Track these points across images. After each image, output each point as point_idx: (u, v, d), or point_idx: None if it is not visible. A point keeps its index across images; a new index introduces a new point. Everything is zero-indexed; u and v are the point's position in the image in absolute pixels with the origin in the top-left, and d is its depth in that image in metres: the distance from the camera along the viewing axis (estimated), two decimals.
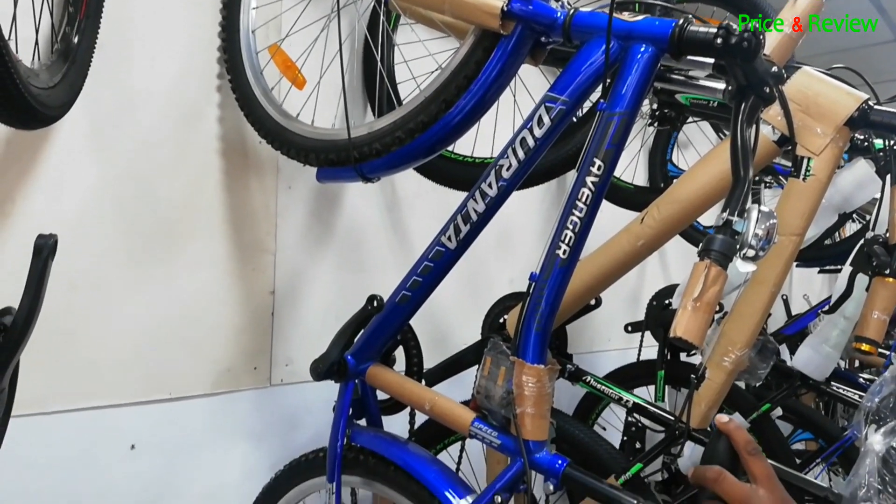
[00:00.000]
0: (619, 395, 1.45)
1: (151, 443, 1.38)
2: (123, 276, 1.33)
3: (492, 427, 1.03)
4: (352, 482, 1.24)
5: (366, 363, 1.23)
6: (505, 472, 1.00)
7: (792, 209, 1.25)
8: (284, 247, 1.58)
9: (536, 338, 0.96)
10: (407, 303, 1.15)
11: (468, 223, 1.05)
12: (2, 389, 0.76)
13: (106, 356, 1.31)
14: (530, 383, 0.95)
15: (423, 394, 1.14)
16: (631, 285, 2.71)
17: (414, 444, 1.20)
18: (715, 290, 0.78)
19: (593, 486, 0.93)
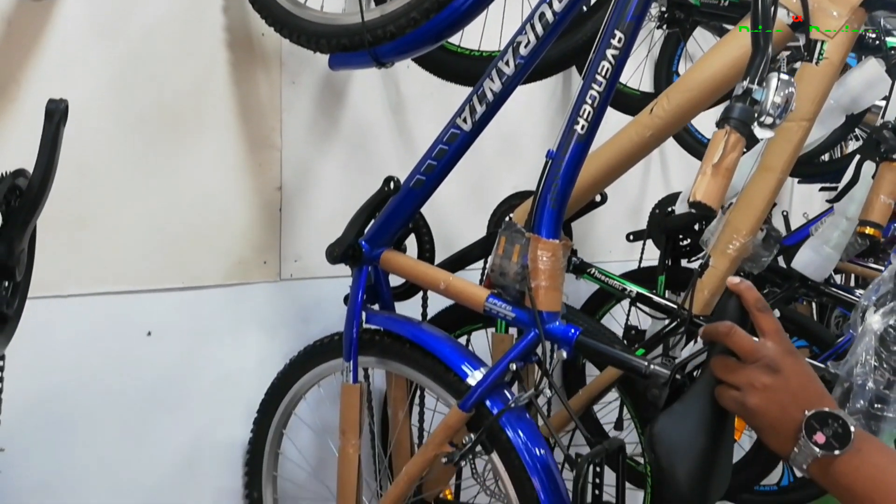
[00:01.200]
0: (623, 286, 1.49)
1: (167, 330, 1.43)
2: (132, 165, 1.35)
3: (506, 302, 1.07)
4: (366, 363, 1.30)
5: (379, 249, 1.27)
6: (519, 342, 1.05)
7: (803, 94, 1.24)
8: (290, 143, 1.59)
9: (551, 214, 1.00)
10: (421, 187, 1.17)
11: (484, 103, 1.07)
12: (21, 250, 0.79)
13: (118, 243, 1.35)
14: (545, 257, 1.00)
15: (438, 274, 1.19)
16: (632, 198, 2.74)
17: (428, 324, 1.26)
18: (734, 157, 0.81)
19: (605, 352, 0.98)
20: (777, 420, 0.73)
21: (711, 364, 0.79)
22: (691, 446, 0.79)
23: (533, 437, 1.06)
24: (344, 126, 1.69)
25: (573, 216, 1.58)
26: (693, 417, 0.80)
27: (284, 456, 1.53)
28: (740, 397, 0.75)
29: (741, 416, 0.76)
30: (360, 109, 1.73)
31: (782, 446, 0.74)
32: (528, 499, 1.05)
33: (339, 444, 1.27)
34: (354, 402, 1.25)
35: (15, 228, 0.77)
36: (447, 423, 1.10)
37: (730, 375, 0.77)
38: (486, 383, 1.07)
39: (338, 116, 1.69)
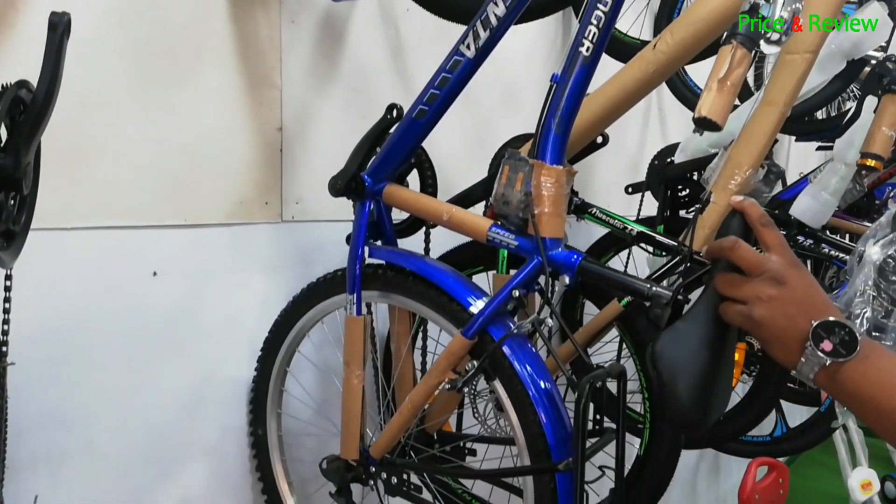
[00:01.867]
0: (624, 225, 1.50)
1: (170, 268, 1.44)
2: (132, 98, 1.34)
3: (509, 231, 1.08)
4: (369, 297, 1.31)
5: (382, 183, 1.27)
6: (522, 269, 1.06)
7: None
8: (290, 83, 1.58)
9: (556, 139, 1.00)
10: (424, 118, 1.17)
11: (488, 28, 1.06)
12: (28, 163, 0.79)
13: (120, 177, 1.35)
14: (549, 183, 1.00)
15: (441, 206, 1.19)
16: (631, 153, 2.74)
17: (431, 258, 1.27)
18: (740, 72, 0.81)
19: (608, 276, 1.00)
20: (784, 330, 0.75)
21: (715, 280, 0.80)
22: (693, 362, 0.80)
23: (535, 363, 1.08)
24: (344, 68, 1.68)
25: (574, 158, 1.58)
26: (695, 334, 0.81)
27: (288, 394, 1.56)
28: (746, 310, 0.76)
29: (748, 328, 0.77)
30: (360, 52, 1.72)
31: (789, 357, 0.75)
32: (530, 424, 1.07)
33: (343, 376, 1.29)
34: (358, 334, 1.26)
35: (21, 140, 0.77)
36: (450, 351, 1.12)
37: (735, 290, 0.78)
38: (489, 310, 1.08)
39: (338, 59, 1.68)
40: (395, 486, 1.24)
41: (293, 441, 1.59)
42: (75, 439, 1.30)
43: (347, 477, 1.28)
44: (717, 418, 0.86)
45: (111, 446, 1.35)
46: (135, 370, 1.40)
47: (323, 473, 1.35)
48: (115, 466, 1.35)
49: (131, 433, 1.38)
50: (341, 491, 1.32)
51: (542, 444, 1.05)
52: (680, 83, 2.33)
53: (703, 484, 3.78)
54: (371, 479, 1.28)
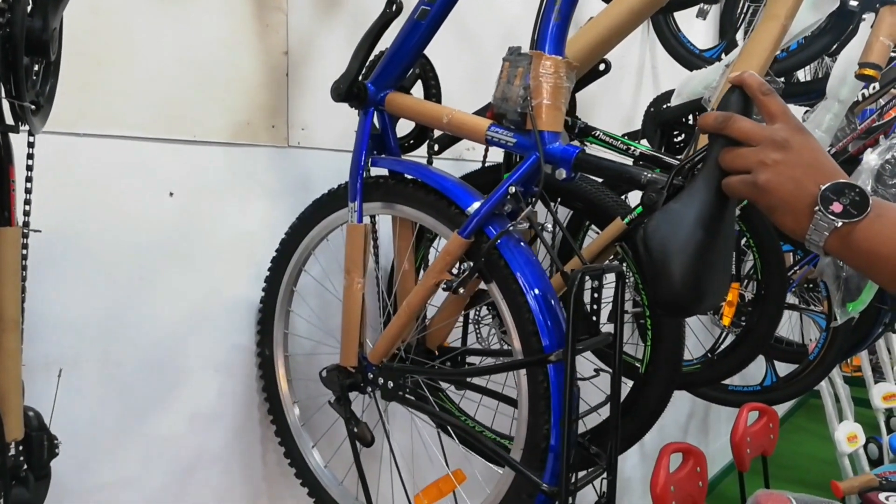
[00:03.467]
0: (628, 146, 1.45)
1: (178, 184, 1.39)
2: (142, 8, 1.30)
3: (507, 129, 1.04)
4: (372, 209, 1.27)
5: (385, 91, 1.22)
6: (520, 165, 1.02)
7: None
8: (296, 8, 1.53)
9: (555, 28, 0.95)
10: (427, 18, 1.12)
11: None
12: (55, 28, 0.75)
13: (131, 87, 1.30)
14: (548, 74, 0.95)
15: (441, 109, 1.15)
16: (625, 108, 2.68)
17: (432, 167, 1.22)
18: None
19: (606, 166, 0.95)
20: (791, 195, 0.69)
21: (719, 158, 0.73)
22: (687, 242, 0.74)
23: (530, 263, 1.03)
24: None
25: (577, 85, 1.52)
26: (690, 214, 0.74)
27: (295, 314, 1.52)
28: (751, 178, 0.70)
29: (753, 197, 0.71)
30: None
31: (798, 223, 0.69)
32: (524, 323, 1.03)
33: (344, 283, 1.26)
34: (359, 242, 1.22)
35: (49, 3, 0.73)
36: (447, 250, 1.07)
37: (738, 160, 0.71)
38: (486, 208, 1.04)
39: None
40: (391, 390, 1.21)
41: (300, 361, 1.56)
42: (88, 346, 1.26)
43: (345, 383, 1.25)
44: (715, 304, 0.81)
45: (123, 355, 1.31)
46: (145, 282, 1.37)
47: (322, 381, 1.32)
48: (127, 375, 1.32)
49: (143, 344, 1.35)
50: (339, 399, 1.29)
51: (535, 342, 1.01)
52: (672, 38, 2.27)
53: (692, 442, 3.75)
54: (368, 386, 1.25)
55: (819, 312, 2.41)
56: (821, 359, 2.36)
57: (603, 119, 2.43)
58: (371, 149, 1.27)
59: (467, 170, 1.53)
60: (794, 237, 0.71)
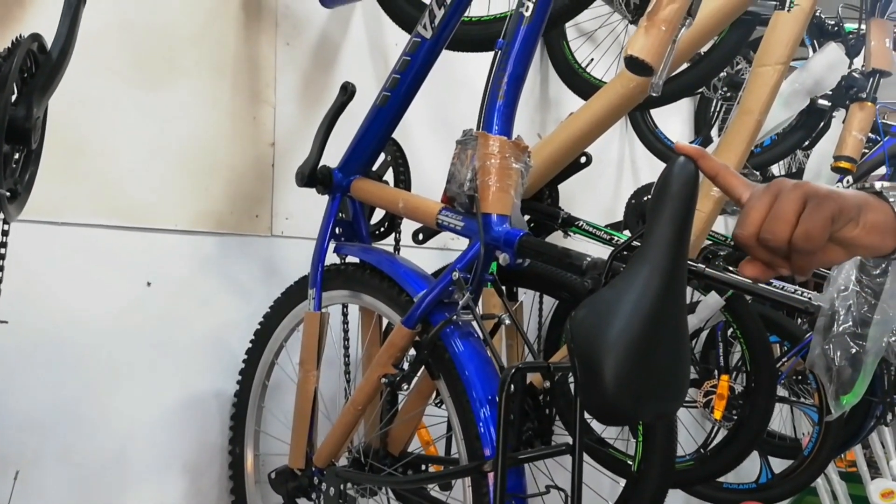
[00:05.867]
0: (611, 236, 1.28)
1: (158, 274, 1.25)
2: (130, 100, 1.20)
3: (456, 212, 0.87)
4: (339, 297, 1.10)
5: (352, 176, 1.08)
6: (465, 251, 0.84)
7: (777, 40, 1.08)
8: (284, 101, 1.43)
9: (501, 108, 0.80)
10: (388, 104, 0.99)
11: (442, 6, 0.88)
12: (37, 117, 0.68)
13: (114, 176, 1.19)
14: (493, 154, 0.79)
15: (397, 194, 1.00)
16: (605, 200, 2.53)
17: (395, 255, 1.05)
18: (673, 8, 0.61)
19: (548, 250, 0.76)
20: (855, 195, 0.53)
21: (744, 216, 0.54)
22: (619, 336, 0.54)
23: (476, 357, 0.83)
24: (335, 92, 1.51)
25: (559, 177, 1.37)
26: (625, 302, 0.55)
27: (268, 410, 1.31)
28: (800, 192, 0.52)
29: (819, 211, 0.51)
30: (349, 78, 1.56)
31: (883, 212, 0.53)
32: (468, 424, 0.81)
33: (298, 376, 1.06)
34: (314, 331, 1.04)
35: (34, 93, 0.67)
36: (392, 342, 0.88)
37: (762, 199, 0.53)
38: (430, 296, 0.85)
39: (329, 83, 1.52)
40: (332, 498, 0.97)
41: (274, 462, 1.34)
42: (49, 444, 1.08)
43: (290, 487, 1.02)
44: (664, 409, 0.60)
45: (87, 454, 1.13)
46: (116, 375, 1.19)
47: (270, 484, 1.10)
48: (90, 475, 1.13)
49: (109, 441, 1.16)
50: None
51: (479, 448, 0.79)
52: (650, 133, 2.15)
53: None
54: (313, 491, 1.02)
55: (811, 405, 2.13)
56: (815, 454, 2.06)
57: (585, 210, 2.27)
58: (339, 235, 1.12)
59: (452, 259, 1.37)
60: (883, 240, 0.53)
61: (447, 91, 1.70)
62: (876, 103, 1.13)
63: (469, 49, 1.24)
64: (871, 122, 1.12)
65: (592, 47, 2.03)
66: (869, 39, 1.10)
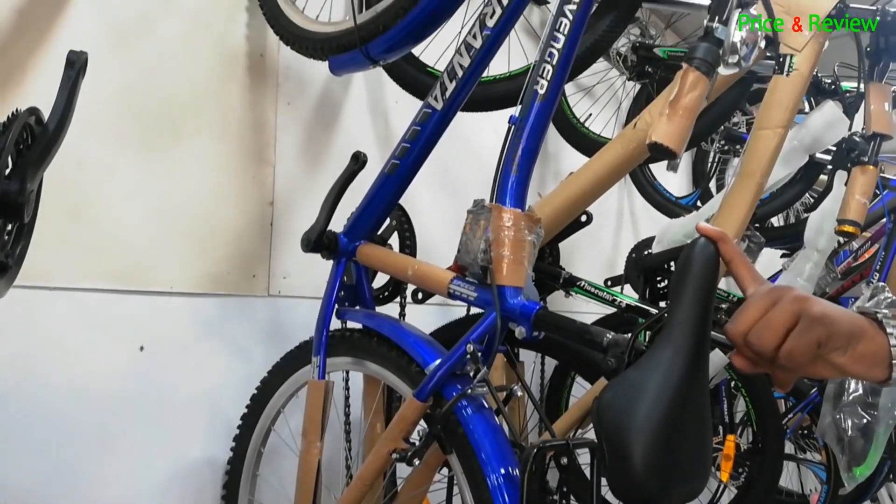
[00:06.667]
0: (613, 297, 1.29)
1: (153, 337, 1.24)
2: (129, 162, 1.21)
3: (468, 282, 0.88)
4: (342, 364, 1.08)
5: (358, 242, 1.09)
6: (480, 322, 0.84)
7: (777, 103, 1.11)
8: (284, 160, 1.45)
9: (515, 182, 0.82)
10: (397, 172, 1.00)
11: (454, 80, 0.91)
12: (31, 191, 0.68)
13: (110, 239, 1.19)
14: (508, 227, 0.81)
15: (407, 262, 1.00)
16: (606, 252, 2.56)
17: (401, 321, 1.06)
18: (694, 95, 0.64)
19: (566, 325, 0.77)
20: (852, 322, 0.54)
21: (737, 316, 0.57)
22: (647, 418, 0.55)
23: (492, 432, 0.83)
24: (334, 152, 1.55)
25: (560, 235, 1.39)
26: (651, 384, 0.56)
27: (263, 479, 1.27)
28: (805, 321, 0.53)
29: (806, 334, 0.54)
30: (350, 138, 1.59)
31: (875, 343, 0.54)
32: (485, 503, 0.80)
33: (301, 447, 1.05)
34: (319, 400, 1.03)
35: (28, 167, 0.67)
36: (402, 415, 0.87)
37: (762, 301, 0.55)
38: (443, 369, 0.85)
39: (329, 142, 1.55)
40: None
41: None
42: None
43: None
44: (690, 491, 0.60)
45: None
46: (105, 442, 1.16)
47: None
48: None
49: None
50: None
51: None
52: (649, 186, 2.19)
53: None
54: None
55: (818, 463, 2.12)
56: None
57: (585, 264, 2.29)
58: (342, 300, 1.12)
59: (454, 315, 1.37)
60: (869, 371, 0.54)
61: (452, 152, 1.73)
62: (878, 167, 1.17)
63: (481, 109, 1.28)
64: (873, 186, 1.16)
65: (591, 102, 2.08)
66: (868, 103, 1.14)
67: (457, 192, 1.86)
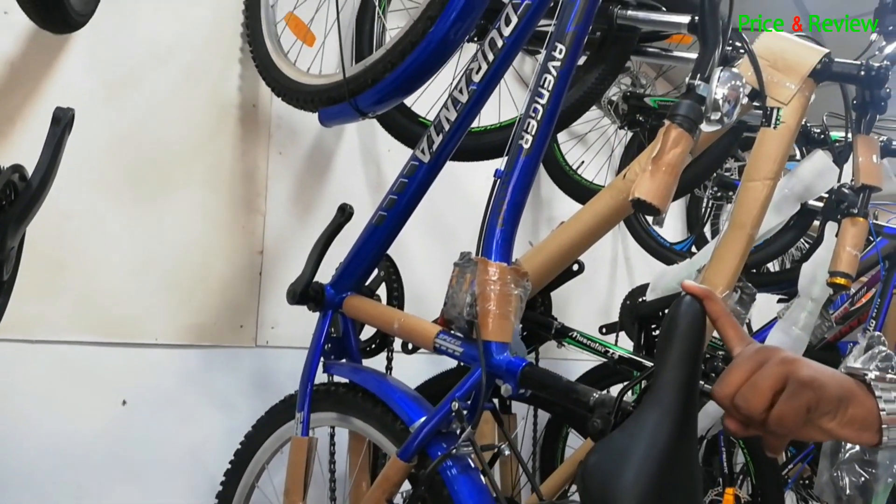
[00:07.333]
0: (606, 349, 1.28)
1: (136, 391, 1.22)
2: (116, 212, 1.21)
3: (455, 337, 0.87)
4: (327, 419, 1.06)
5: (345, 293, 1.08)
6: (465, 378, 0.83)
7: (765, 155, 1.13)
8: (274, 209, 1.46)
9: (501, 235, 0.82)
10: (383, 224, 1.00)
11: (441, 133, 0.92)
12: (12, 248, 0.68)
13: (95, 290, 1.18)
14: (493, 280, 0.80)
15: (393, 315, 0.99)
16: (602, 300, 2.55)
17: (387, 376, 1.04)
18: (676, 152, 0.65)
19: (551, 383, 0.75)
20: (841, 385, 0.53)
21: (722, 379, 0.56)
22: (633, 482, 0.53)
23: (476, 494, 0.81)
24: (326, 200, 1.56)
25: (552, 284, 1.39)
26: (638, 447, 0.55)
27: None
28: (783, 370, 0.53)
29: (795, 399, 0.53)
30: (342, 186, 1.60)
31: (865, 409, 0.53)
32: None
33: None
34: (301, 458, 1.00)
35: (9, 224, 0.67)
36: (386, 475, 0.85)
37: (748, 363, 0.55)
38: (428, 428, 0.83)
39: (321, 191, 1.56)
40: None
41: None
42: None
43: None
44: None
45: None
46: (82, 501, 1.14)
47: None
48: None
49: None
50: None
51: None
52: (643, 232, 2.20)
53: None
54: None
55: None
56: None
57: (580, 311, 2.28)
58: (329, 352, 1.10)
59: (445, 365, 1.35)
60: (860, 435, 0.54)
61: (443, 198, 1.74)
62: (868, 218, 1.18)
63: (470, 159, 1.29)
64: (864, 237, 1.17)
65: (583, 149, 2.11)
66: (856, 156, 1.16)
67: (448, 237, 1.86)
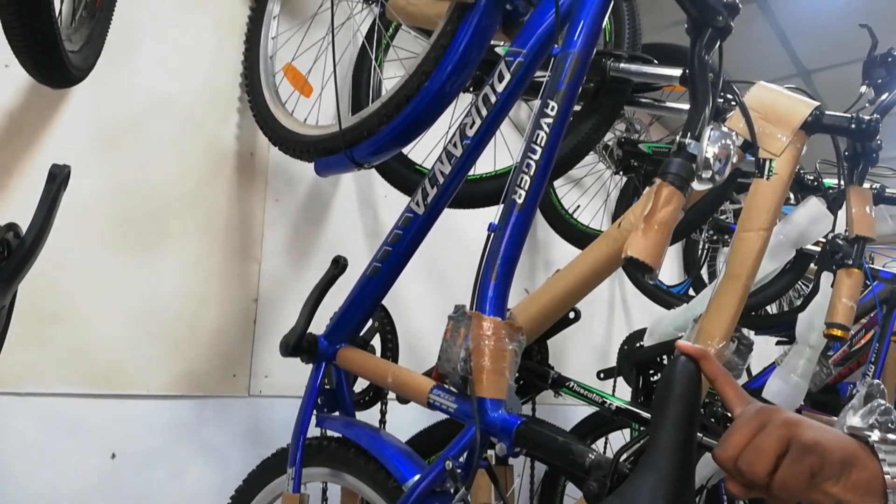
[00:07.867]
0: (603, 399, 1.26)
1: (127, 445, 1.20)
2: (111, 263, 1.21)
3: (449, 392, 0.86)
4: (319, 474, 1.04)
5: (338, 345, 1.07)
6: (459, 437, 0.82)
7: (759, 206, 1.13)
8: (270, 257, 1.46)
9: (495, 290, 0.82)
10: (378, 275, 1.01)
11: (435, 186, 0.93)
12: (2, 307, 0.68)
13: (86, 342, 1.17)
14: (488, 335, 0.80)
15: (387, 367, 0.98)
16: (598, 342, 2.54)
17: (381, 430, 1.03)
18: (668, 210, 0.65)
19: (547, 443, 0.74)
20: (843, 447, 0.52)
21: (722, 444, 0.55)
22: None
23: None
24: (322, 247, 1.56)
25: (549, 333, 1.38)
26: None
27: None
28: (785, 433, 0.52)
29: (798, 463, 0.52)
30: (338, 233, 1.61)
31: (868, 469, 0.52)
32: None
33: None
34: None
35: (2, 282, 0.66)
36: None
37: (749, 425, 0.54)
38: (421, 487, 0.82)
39: (317, 238, 1.57)
40: None
41: None
42: None
43: None
44: None
45: None
46: None
47: None
48: None
49: None
50: None
51: None
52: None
53: None
54: None
55: None
56: None
57: (577, 355, 2.27)
58: (322, 405, 1.09)
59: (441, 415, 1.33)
60: (864, 500, 0.52)
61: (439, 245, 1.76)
62: (862, 269, 1.18)
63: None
64: (859, 289, 1.17)
65: (579, 193, 2.13)
66: (850, 207, 1.17)
67: (444, 283, 1.86)
